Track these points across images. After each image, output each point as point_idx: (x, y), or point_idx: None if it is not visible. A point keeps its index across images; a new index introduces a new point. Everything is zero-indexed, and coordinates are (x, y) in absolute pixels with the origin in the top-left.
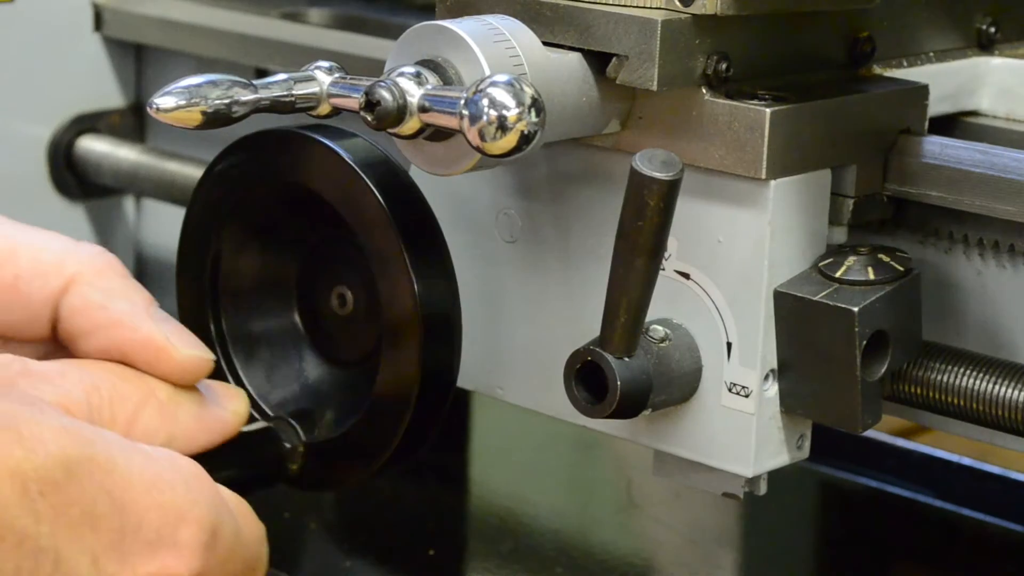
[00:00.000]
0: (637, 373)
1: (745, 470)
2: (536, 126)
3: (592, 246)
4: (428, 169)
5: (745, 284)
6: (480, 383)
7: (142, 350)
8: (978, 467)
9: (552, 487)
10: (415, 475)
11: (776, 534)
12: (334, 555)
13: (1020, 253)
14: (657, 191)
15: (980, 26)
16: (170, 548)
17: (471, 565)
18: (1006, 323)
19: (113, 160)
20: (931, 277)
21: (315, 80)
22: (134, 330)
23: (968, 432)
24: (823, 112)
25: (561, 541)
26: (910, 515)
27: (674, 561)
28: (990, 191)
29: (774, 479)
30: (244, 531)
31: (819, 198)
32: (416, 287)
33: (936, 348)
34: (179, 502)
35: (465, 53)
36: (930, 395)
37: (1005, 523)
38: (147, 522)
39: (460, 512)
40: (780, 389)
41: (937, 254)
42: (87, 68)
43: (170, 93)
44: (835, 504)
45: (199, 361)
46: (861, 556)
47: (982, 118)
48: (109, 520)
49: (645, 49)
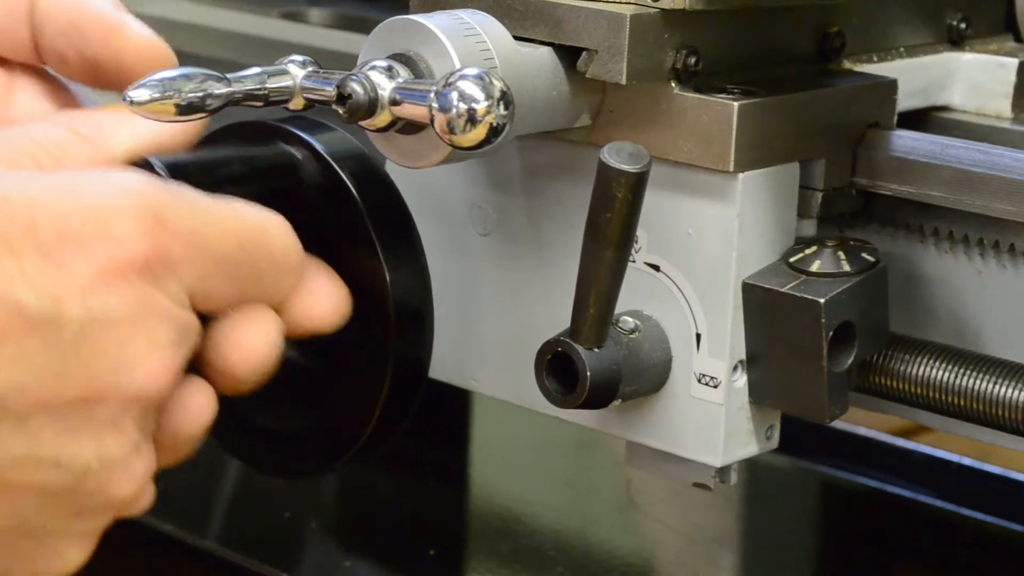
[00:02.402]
0: (607, 364)
1: (714, 460)
2: (505, 119)
3: (565, 239)
4: (400, 162)
5: (714, 276)
6: (455, 375)
7: (97, 25)
8: (978, 467)
9: (552, 487)
10: (415, 475)
11: (776, 534)
12: (334, 555)
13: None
14: (625, 183)
15: (951, 22)
16: (105, 241)
17: (471, 565)
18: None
19: None
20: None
21: (288, 74)
22: (92, 5)
23: (968, 432)
24: (791, 106)
25: (561, 541)
26: (910, 515)
27: (674, 561)
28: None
29: (774, 479)
30: (218, 210)
31: (787, 191)
32: (388, 278)
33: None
34: (102, 201)
35: (436, 47)
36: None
37: (1005, 523)
38: (69, 229)
39: (460, 512)
40: (749, 380)
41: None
42: None
43: (144, 86)
44: (835, 504)
45: (153, 45)
46: (861, 556)
47: (953, 113)
48: (22, 242)
49: (614, 43)
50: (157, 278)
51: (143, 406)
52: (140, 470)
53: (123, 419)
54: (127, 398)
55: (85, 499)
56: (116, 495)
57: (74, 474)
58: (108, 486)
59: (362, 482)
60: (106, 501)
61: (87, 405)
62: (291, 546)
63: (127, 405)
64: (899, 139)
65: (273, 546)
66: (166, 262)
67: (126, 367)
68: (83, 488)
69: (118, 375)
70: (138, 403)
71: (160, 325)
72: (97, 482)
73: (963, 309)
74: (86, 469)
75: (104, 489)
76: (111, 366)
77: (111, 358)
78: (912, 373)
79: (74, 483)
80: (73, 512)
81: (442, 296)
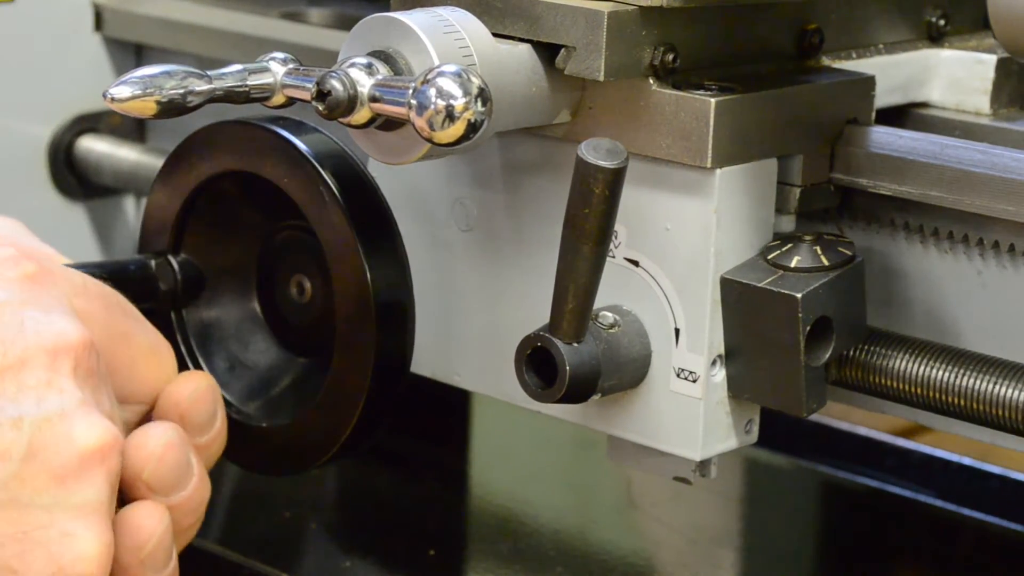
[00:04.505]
0: (586, 358)
1: (693, 454)
2: (483, 115)
3: (545, 234)
4: (381, 158)
5: (692, 271)
6: (437, 370)
7: None
8: (978, 467)
9: (552, 487)
10: (415, 475)
11: (776, 534)
12: (334, 555)
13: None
14: (602, 179)
15: (930, 19)
16: None
17: (471, 565)
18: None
19: (113, 160)
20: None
21: (269, 71)
22: None
23: (968, 432)
24: (769, 102)
25: (561, 541)
26: (910, 515)
27: (674, 561)
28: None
29: (774, 479)
30: None
31: (765, 187)
32: (369, 275)
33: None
34: None
35: (415, 44)
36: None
37: (1005, 523)
38: None
39: (460, 512)
40: (728, 374)
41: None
42: (87, 68)
43: (125, 83)
44: (835, 504)
45: None
46: (861, 556)
47: (932, 109)
48: None
49: (592, 40)
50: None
51: (73, 360)
52: (95, 418)
53: (57, 378)
54: (49, 354)
55: (54, 455)
56: (81, 443)
57: (27, 432)
58: (69, 436)
59: (362, 482)
60: (75, 454)
61: (14, 372)
62: (291, 546)
63: (52, 362)
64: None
65: (273, 546)
66: None
67: (33, 330)
68: (43, 443)
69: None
70: (63, 356)
71: (50, 294)
72: (54, 434)
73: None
74: (37, 425)
75: (65, 439)
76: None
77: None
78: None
79: (32, 440)
80: (53, 477)
81: (424, 292)
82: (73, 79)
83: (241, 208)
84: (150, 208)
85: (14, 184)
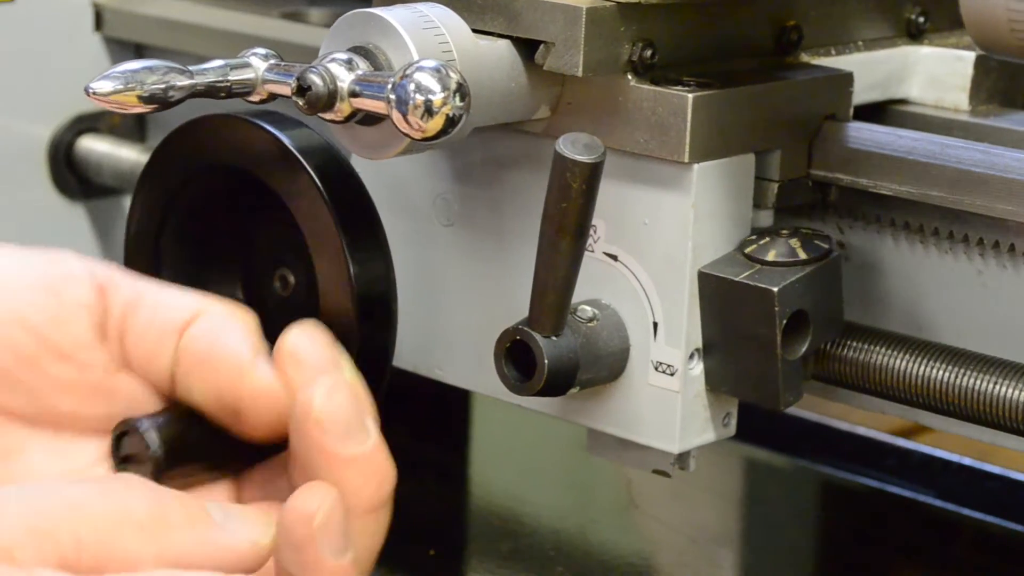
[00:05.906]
0: (564, 352)
1: (671, 447)
2: (461, 110)
3: (525, 229)
4: (361, 153)
5: (670, 265)
6: (420, 364)
7: (228, 362)
8: (978, 467)
9: (552, 487)
10: (415, 475)
11: (776, 534)
12: None
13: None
14: (580, 173)
15: (909, 16)
16: None
17: (471, 565)
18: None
19: (113, 160)
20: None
21: (250, 66)
22: (228, 342)
23: (967, 432)
24: (746, 98)
25: (561, 541)
26: (910, 515)
27: (674, 561)
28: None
29: (774, 479)
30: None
31: (743, 182)
32: (352, 269)
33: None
34: None
35: (395, 39)
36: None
37: (1005, 523)
38: None
39: (460, 512)
40: (705, 367)
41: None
42: (87, 68)
43: (107, 77)
44: (835, 504)
45: (270, 392)
46: (861, 556)
47: (911, 106)
48: None
49: (571, 36)
50: None
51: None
52: None
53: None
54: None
55: None
56: None
57: None
58: None
59: None
60: None
61: None
62: None
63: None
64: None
65: None
66: None
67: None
68: None
69: None
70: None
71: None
72: None
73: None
74: None
75: None
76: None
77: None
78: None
79: None
80: None
81: (407, 287)
82: (73, 79)
83: (225, 201)
84: (136, 203)
85: (14, 184)
